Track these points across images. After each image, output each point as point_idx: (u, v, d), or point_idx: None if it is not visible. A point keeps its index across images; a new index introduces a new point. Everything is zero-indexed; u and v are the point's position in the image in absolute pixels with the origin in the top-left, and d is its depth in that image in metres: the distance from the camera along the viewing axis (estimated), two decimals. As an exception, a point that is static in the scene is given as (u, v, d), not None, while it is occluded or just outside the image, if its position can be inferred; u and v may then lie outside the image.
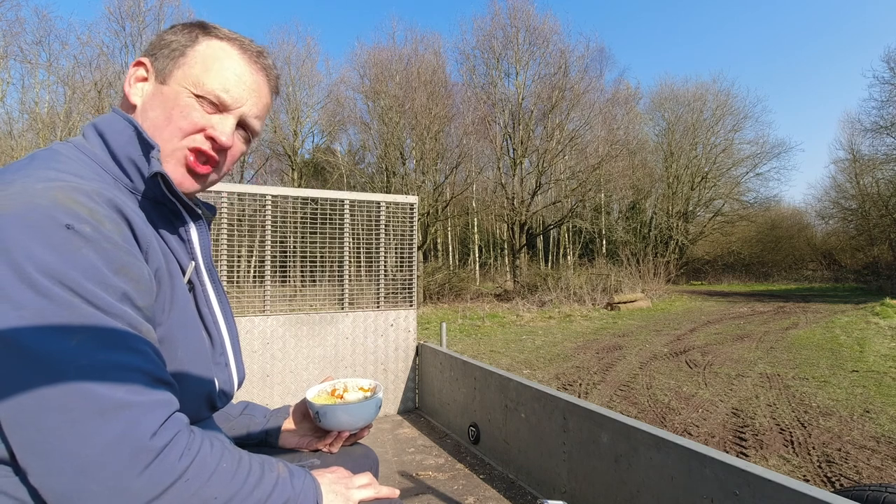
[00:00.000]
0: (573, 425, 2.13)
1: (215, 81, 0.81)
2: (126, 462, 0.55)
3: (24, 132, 16.08)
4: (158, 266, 0.72)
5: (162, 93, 0.80)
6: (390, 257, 3.81)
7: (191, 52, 0.81)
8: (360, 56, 24.30)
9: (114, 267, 0.61)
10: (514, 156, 21.91)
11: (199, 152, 0.81)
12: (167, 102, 0.79)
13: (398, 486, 2.50)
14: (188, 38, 0.82)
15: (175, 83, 0.80)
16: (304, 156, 26.98)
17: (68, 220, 0.58)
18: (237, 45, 0.84)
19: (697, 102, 32.54)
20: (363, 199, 3.65)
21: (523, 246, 22.16)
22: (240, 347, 0.96)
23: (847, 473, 3.32)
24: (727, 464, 1.46)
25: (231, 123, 0.83)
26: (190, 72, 0.80)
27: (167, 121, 0.79)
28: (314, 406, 1.10)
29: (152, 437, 0.58)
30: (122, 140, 0.76)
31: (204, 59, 0.81)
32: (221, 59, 0.82)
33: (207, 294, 0.88)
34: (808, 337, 9.02)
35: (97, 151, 0.76)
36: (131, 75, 0.82)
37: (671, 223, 30.77)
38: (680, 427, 4.33)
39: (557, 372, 6.58)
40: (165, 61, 0.81)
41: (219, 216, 3.19)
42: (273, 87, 0.90)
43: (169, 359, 0.72)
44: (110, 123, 0.78)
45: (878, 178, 27.37)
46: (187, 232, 0.86)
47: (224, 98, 0.81)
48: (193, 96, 0.80)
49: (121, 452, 0.55)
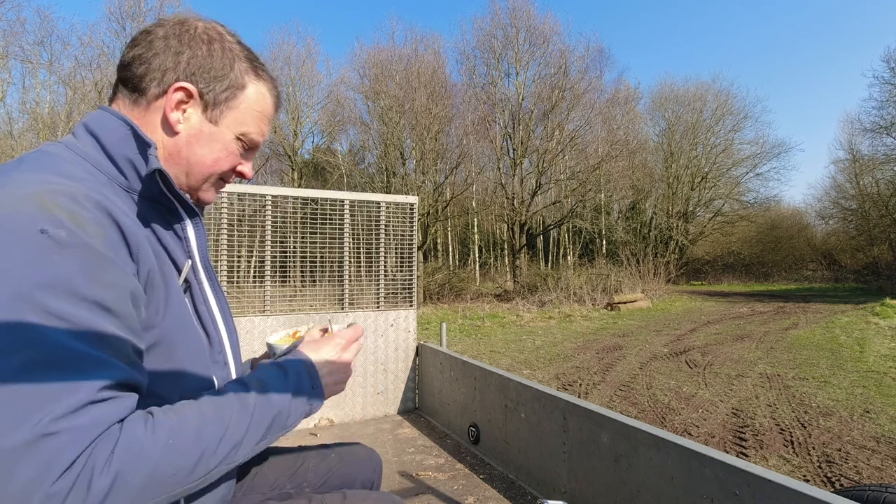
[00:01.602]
0: (573, 425, 2.13)
1: (258, 129, 0.88)
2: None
3: (24, 132, 16.10)
4: (150, 268, 0.71)
5: (212, 134, 0.83)
6: (390, 257, 3.81)
7: (241, 97, 0.84)
8: (359, 56, 24.32)
9: (88, 274, 0.59)
10: (514, 156, 21.91)
11: (227, 181, 0.91)
12: (216, 145, 0.84)
13: (398, 486, 2.50)
14: (237, 77, 0.84)
15: (225, 126, 0.84)
16: (304, 156, 26.99)
17: (44, 225, 0.57)
18: (269, 87, 0.89)
19: (697, 102, 32.55)
20: (363, 199, 3.65)
21: (523, 246, 22.16)
22: (238, 345, 0.95)
23: (847, 473, 3.32)
24: (727, 464, 1.46)
25: (252, 159, 0.93)
26: (241, 119, 0.85)
27: (214, 162, 0.84)
28: (270, 348, 1.00)
29: (55, 481, 0.51)
30: (116, 138, 0.76)
31: (250, 105, 0.85)
32: (262, 105, 0.87)
33: (205, 292, 0.87)
34: (808, 337, 9.02)
35: (90, 151, 0.75)
36: (172, 101, 0.80)
37: (671, 223, 30.77)
38: (680, 427, 4.33)
39: (557, 372, 6.58)
40: (218, 99, 0.82)
41: (219, 216, 3.19)
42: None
43: (166, 359, 0.72)
44: (102, 122, 0.77)
45: (878, 179, 27.38)
46: (184, 230, 0.85)
47: (261, 143, 0.90)
48: (238, 140, 0.86)
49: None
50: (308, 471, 1.11)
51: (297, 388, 0.78)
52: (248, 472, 1.06)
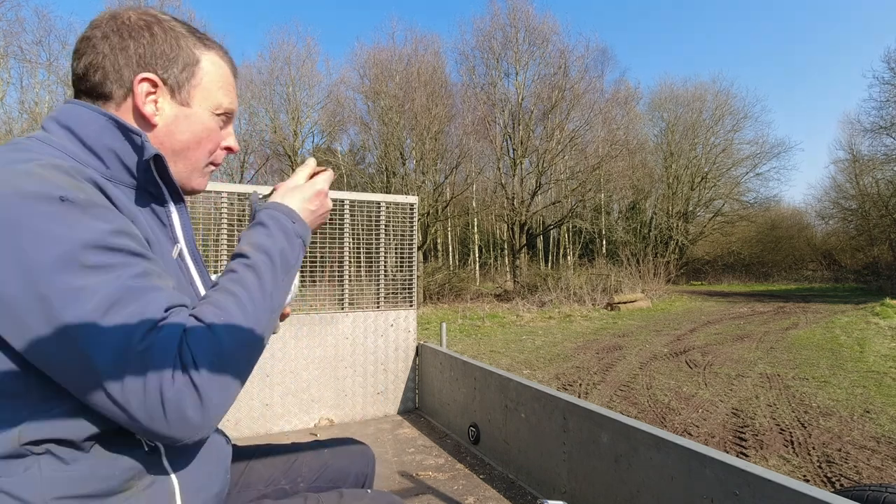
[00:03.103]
0: (573, 425, 2.13)
1: (228, 99, 0.87)
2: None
3: (23, 132, 16.10)
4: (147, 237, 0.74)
5: (188, 117, 0.83)
6: (390, 257, 3.81)
7: (199, 72, 0.84)
8: (359, 56, 24.34)
9: (112, 228, 0.64)
10: (513, 156, 21.92)
11: (217, 163, 0.91)
12: (196, 126, 0.84)
13: (398, 486, 2.50)
14: (188, 53, 0.82)
15: (198, 106, 0.84)
16: (304, 156, 26.98)
17: (61, 193, 0.61)
18: (218, 52, 0.88)
19: (697, 102, 32.56)
20: (363, 199, 3.65)
21: (523, 246, 22.17)
22: None
23: (847, 474, 3.32)
24: (727, 464, 1.46)
25: (232, 128, 0.92)
26: (209, 94, 0.85)
27: (198, 144, 0.85)
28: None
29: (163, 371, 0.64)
30: (95, 129, 0.75)
31: (214, 78, 0.85)
32: (221, 73, 0.87)
33: (192, 277, 0.88)
34: (808, 337, 9.02)
35: (66, 143, 0.74)
36: (140, 93, 0.79)
37: (671, 223, 30.77)
38: (680, 427, 4.33)
39: (557, 372, 6.58)
40: (180, 80, 0.82)
41: (219, 216, 3.19)
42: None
43: None
44: (76, 115, 0.75)
45: (878, 179, 27.39)
46: (169, 216, 0.85)
47: (234, 111, 0.90)
48: (215, 116, 0.86)
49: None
50: (302, 466, 1.11)
51: (283, 230, 0.84)
52: (243, 469, 1.06)
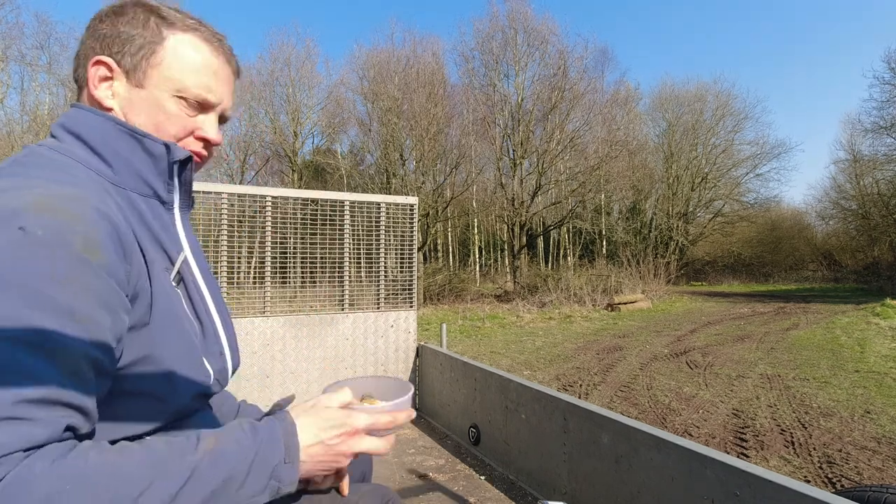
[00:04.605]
0: (573, 426, 2.13)
1: (197, 83, 0.79)
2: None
3: (24, 134, 16.12)
4: (141, 268, 0.70)
5: (142, 98, 0.77)
6: (390, 258, 3.81)
7: (161, 51, 0.77)
8: (358, 58, 24.37)
9: (56, 276, 0.55)
10: (513, 156, 21.93)
11: (194, 153, 0.83)
12: (152, 109, 0.78)
13: (398, 486, 2.50)
14: (152, 33, 0.78)
15: (154, 87, 0.78)
16: (304, 157, 27.02)
17: (25, 223, 0.56)
18: (201, 36, 0.81)
19: (698, 103, 32.56)
20: (363, 199, 3.65)
21: (523, 247, 22.17)
22: (234, 332, 0.92)
23: (848, 474, 3.32)
24: (728, 464, 1.46)
25: (215, 121, 0.84)
26: (169, 74, 0.78)
27: (156, 127, 0.78)
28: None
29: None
30: (100, 134, 0.75)
31: (178, 58, 0.78)
32: (195, 56, 0.79)
33: (197, 282, 0.86)
34: (809, 338, 9.02)
35: (77, 150, 0.74)
36: (94, 76, 0.77)
37: (671, 224, 30.77)
38: (680, 428, 4.33)
39: (558, 373, 6.58)
40: (135, 60, 0.77)
41: (219, 217, 3.19)
42: (236, 72, 0.88)
43: (158, 357, 0.70)
44: (81, 120, 0.75)
45: (879, 179, 27.39)
46: (174, 222, 0.84)
47: (209, 99, 0.81)
48: (177, 99, 0.79)
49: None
50: None
51: (262, 454, 0.64)
52: None
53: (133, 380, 0.68)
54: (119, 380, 0.66)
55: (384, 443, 0.76)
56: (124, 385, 0.67)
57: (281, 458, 0.65)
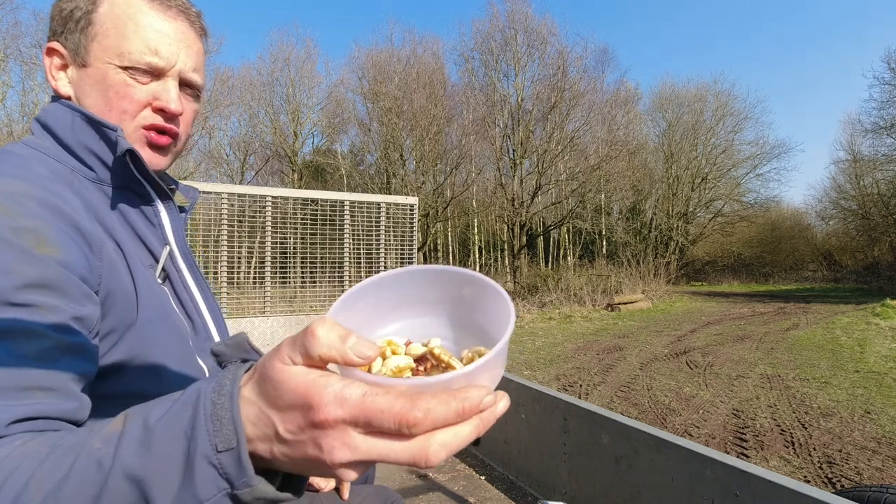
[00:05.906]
0: (573, 426, 2.13)
1: (138, 46, 0.71)
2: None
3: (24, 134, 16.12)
4: (112, 264, 0.66)
5: (88, 76, 0.72)
6: (390, 258, 3.81)
7: (96, 18, 0.71)
8: (358, 58, 24.39)
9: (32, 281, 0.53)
10: (513, 156, 21.95)
11: (154, 128, 0.76)
12: (98, 86, 0.72)
13: (399, 486, 2.50)
14: (84, 3, 0.72)
15: (97, 62, 0.72)
16: (304, 157, 27.03)
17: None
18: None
19: (698, 103, 32.56)
20: (363, 200, 3.65)
21: (523, 247, 22.18)
22: (226, 328, 0.90)
23: (848, 474, 3.32)
24: (728, 465, 1.46)
25: (173, 87, 0.76)
26: (106, 43, 0.71)
27: (107, 106, 0.72)
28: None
29: None
30: (66, 127, 0.72)
31: (114, 23, 0.71)
32: (133, 17, 0.72)
33: (185, 279, 0.83)
34: (809, 338, 9.02)
35: (47, 144, 0.71)
36: (49, 66, 0.74)
37: (671, 224, 30.77)
38: (680, 428, 4.33)
39: (558, 373, 6.58)
40: (76, 38, 0.72)
41: (218, 217, 3.19)
42: (198, 29, 0.79)
43: (146, 357, 0.69)
44: (52, 114, 0.73)
45: (879, 179, 27.41)
46: (157, 216, 0.80)
47: (156, 63, 0.73)
48: (122, 70, 0.72)
49: None
50: None
51: (183, 452, 0.36)
52: None
53: (125, 381, 0.67)
54: (111, 381, 0.65)
55: (446, 445, 0.33)
56: (116, 387, 0.66)
57: (210, 448, 0.35)
